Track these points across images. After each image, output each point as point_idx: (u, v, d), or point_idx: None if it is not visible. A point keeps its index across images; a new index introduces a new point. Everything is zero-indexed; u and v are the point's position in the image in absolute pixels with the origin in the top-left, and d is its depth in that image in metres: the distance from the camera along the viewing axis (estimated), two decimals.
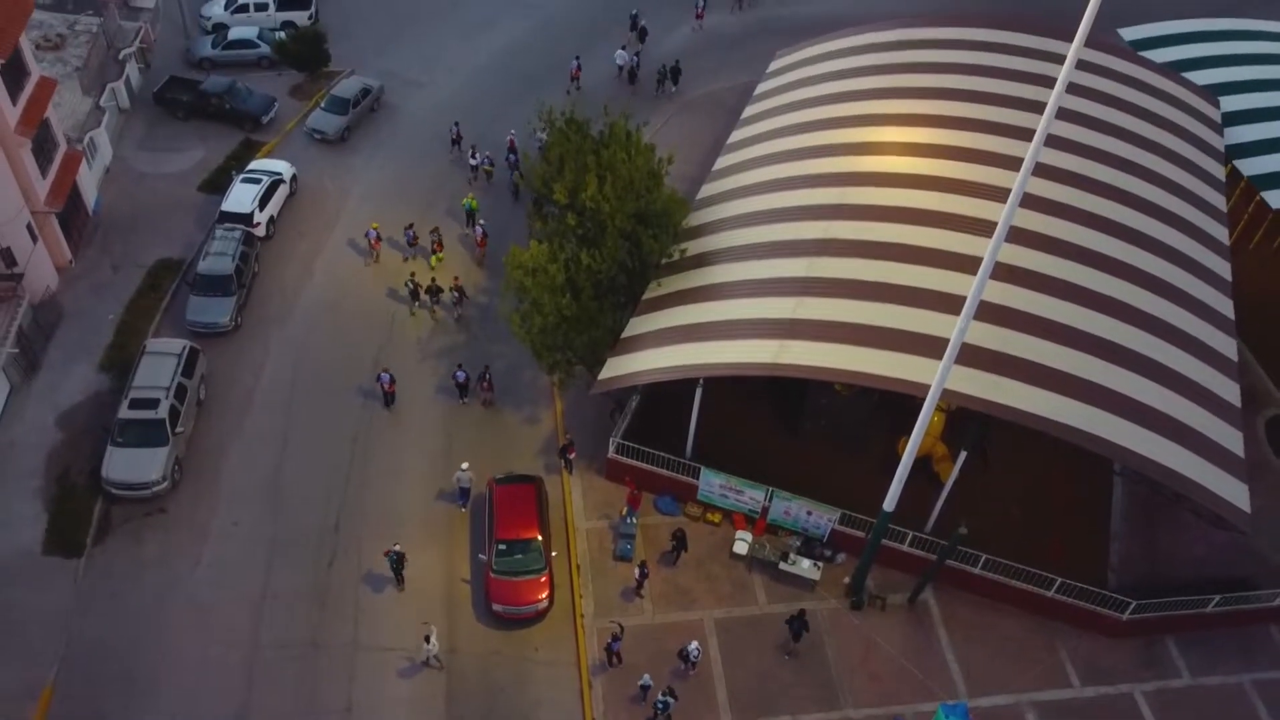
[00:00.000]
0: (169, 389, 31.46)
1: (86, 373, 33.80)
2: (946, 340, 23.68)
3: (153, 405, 31.00)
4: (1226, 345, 30.92)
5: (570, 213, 32.35)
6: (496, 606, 28.78)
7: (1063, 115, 34.68)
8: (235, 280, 35.54)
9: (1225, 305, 32.21)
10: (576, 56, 46.65)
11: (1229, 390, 29.68)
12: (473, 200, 39.85)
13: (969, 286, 22.76)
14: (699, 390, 29.88)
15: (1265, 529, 30.30)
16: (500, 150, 42.17)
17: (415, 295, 36.53)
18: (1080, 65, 36.45)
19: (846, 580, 30.20)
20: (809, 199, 33.36)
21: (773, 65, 44.02)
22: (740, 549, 30.72)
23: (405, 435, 33.35)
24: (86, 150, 38.42)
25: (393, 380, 33.61)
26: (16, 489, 30.66)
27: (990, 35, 39.94)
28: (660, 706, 26.60)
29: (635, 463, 31.55)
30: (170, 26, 47.59)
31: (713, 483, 31.12)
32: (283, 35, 46.68)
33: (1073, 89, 35.62)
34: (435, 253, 38.43)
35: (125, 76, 42.81)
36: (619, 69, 47.17)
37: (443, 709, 27.31)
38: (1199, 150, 37.35)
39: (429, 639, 27.30)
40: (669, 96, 46.80)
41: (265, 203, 38.57)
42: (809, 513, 30.46)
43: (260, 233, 38.22)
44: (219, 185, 40.15)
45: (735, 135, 40.06)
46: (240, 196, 38.32)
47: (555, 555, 29.91)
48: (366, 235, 38.39)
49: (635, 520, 31.17)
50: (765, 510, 30.96)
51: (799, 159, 35.59)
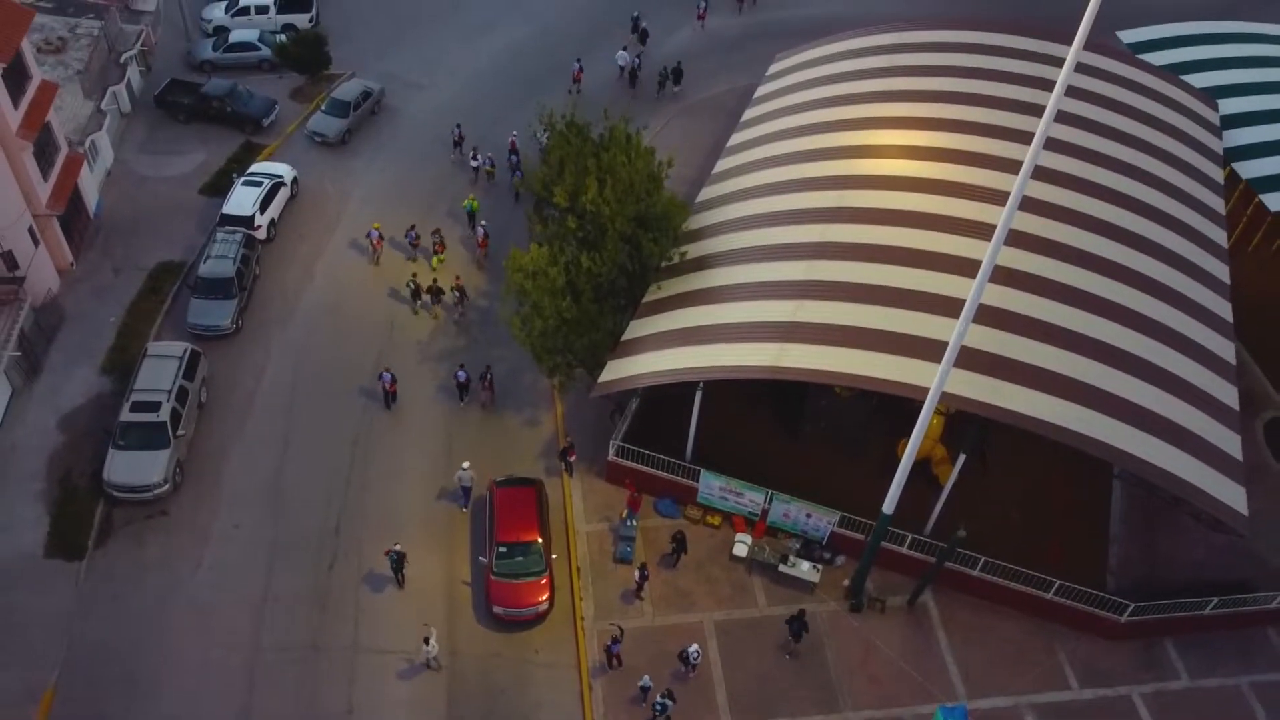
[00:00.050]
0: (170, 392, 31.55)
1: (88, 375, 33.88)
2: (945, 343, 23.76)
3: (154, 408, 31.09)
4: (1225, 348, 30.98)
5: (570, 216, 32.46)
6: (497, 609, 28.86)
7: (1061, 118, 34.75)
8: (236, 283, 35.62)
9: (1224, 308, 32.27)
10: (578, 58, 46.74)
11: (1227, 393, 29.73)
12: (474, 201, 39.95)
13: (968, 290, 22.84)
14: (699, 393, 29.96)
15: (1264, 532, 30.37)
16: (502, 152, 42.31)
17: (417, 295, 36.64)
18: (1079, 68, 36.51)
19: (846, 582, 30.26)
20: (808, 202, 33.44)
21: (772, 68, 44.09)
22: (740, 551, 30.79)
23: (406, 437, 33.43)
24: (88, 153, 38.49)
25: (394, 380, 33.70)
26: (18, 492, 30.75)
27: (989, 38, 40.03)
28: (659, 708, 26.66)
29: (635, 465, 31.62)
30: (171, 29, 47.68)
31: (712, 485, 31.19)
32: (283, 38, 46.84)
33: (1071, 92, 35.70)
34: (437, 254, 38.54)
35: (126, 79, 42.87)
36: (620, 70, 47.24)
37: (443, 711, 27.38)
38: (1197, 153, 37.43)
39: (428, 640, 27.38)
40: (671, 97, 46.87)
41: (266, 206, 38.64)
42: (808, 515, 30.54)
43: (261, 235, 38.30)
44: (220, 188, 40.26)
45: (735, 138, 40.13)
46: (241, 199, 38.41)
47: (555, 558, 29.98)
48: (368, 235, 38.52)
49: (635, 523, 31.25)
50: (765, 513, 31.03)
51: (799, 162, 35.67)
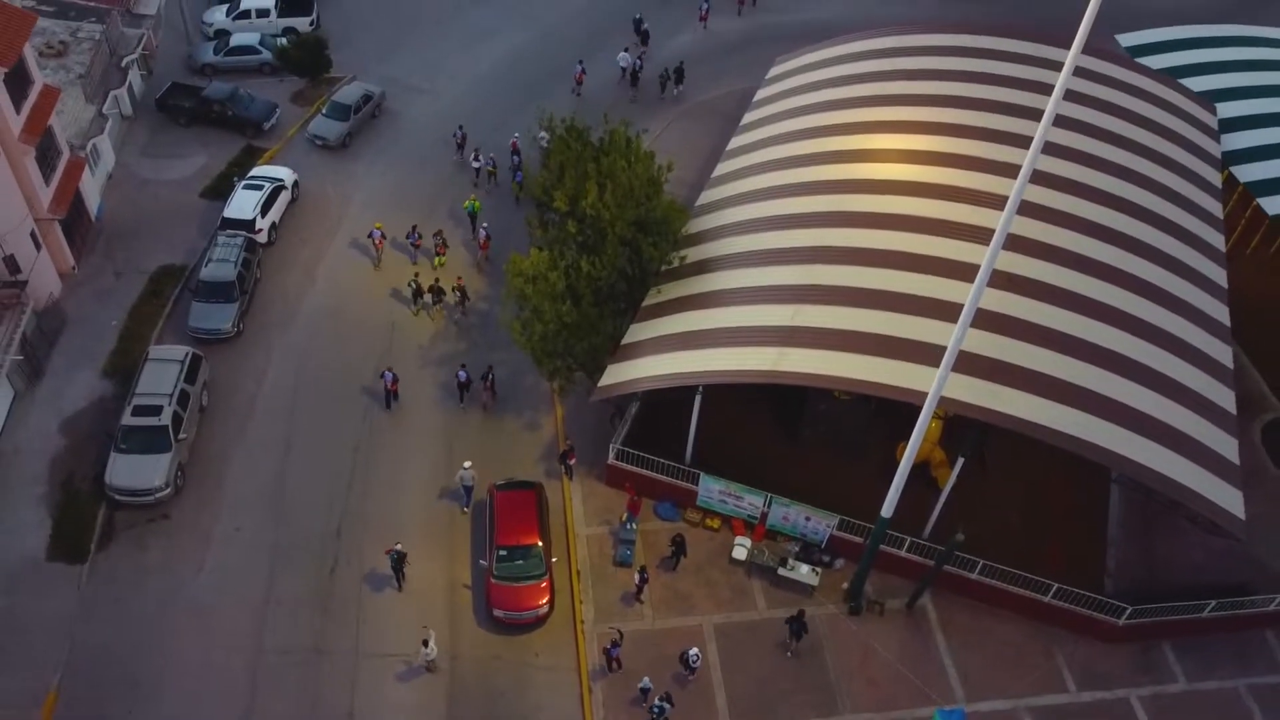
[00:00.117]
0: (172, 395, 31.68)
1: (90, 379, 34.00)
2: (944, 348, 23.84)
3: (156, 412, 31.21)
4: (1222, 352, 31.04)
5: (570, 220, 32.58)
6: (497, 612, 28.97)
7: (1060, 122, 34.76)
8: (237, 287, 35.74)
9: (1221, 312, 32.33)
10: (580, 60, 46.85)
11: (1224, 397, 29.81)
12: (475, 202, 40.06)
13: (966, 294, 22.93)
14: (698, 397, 30.07)
15: (1262, 535, 30.44)
16: (504, 154, 42.42)
17: (418, 295, 36.75)
18: (1077, 72, 36.59)
19: (845, 585, 30.36)
20: (807, 206, 33.52)
21: (772, 71, 44.16)
22: (739, 554, 30.89)
23: (407, 440, 33.53)
24: (89, 157, 38.59)
25: (395, 379, 33.82)
26: (20, 495, 30.89)
27: (988, 42, 40.11)
28: (657, 711, 26.77)
29: (635, 469, 31.71)
30: (172, 33, 47.76)
31: (712, 488, 31.30)
32: (284, 41, 46.89)
33: (1070, 95, 35.79)
34: (439, 255, 38.66)
35: (128, 83, 42.93)
36: (622, 72, 47.33)
37: (444, 713, 27.50)
38: (1195, 157, 37.49)
39: (427, 643, 27.50)
40: (673, 98, 46.96)
41: (267, 209, 38.75)
42: (808, 518, 30.63)
43: (262, 239, 38.41)
44: (221, 191, 40.36)
45: (734, 142, 40.21)
46: (242, 203, 38.51)
47: (555, 561, 30.08)
48: (370, 235, 38.61)
49: (635, 526, 31.35)
50: (764, 516, 31.12)
51: (797, 166, 35.74)
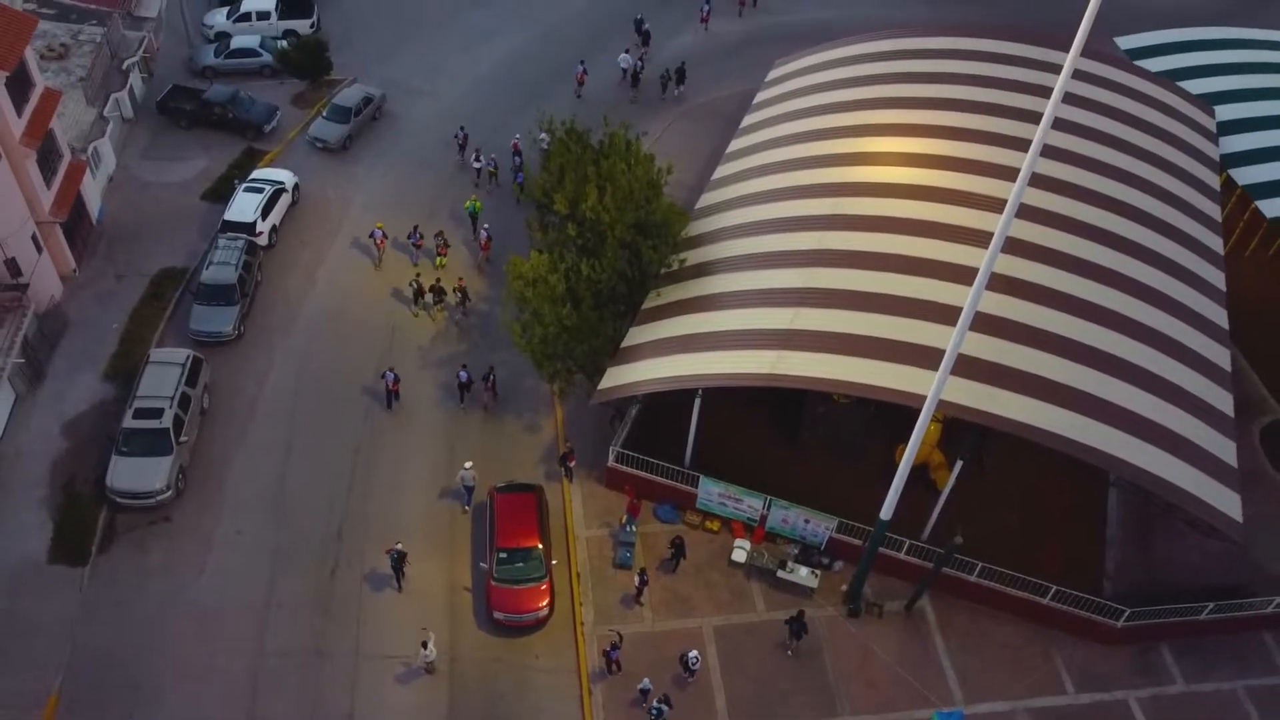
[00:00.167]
0: (173, 398, 31.76)
1: (91, 382, 34.09)
2: (942, 351, 23.92)
3: (157, 415, 31.29)
4: (1220, 355, 31.12)
5: (570, 223, 32.68)
6: (497, 614, 29.07)
7: (1059, 125, 34.84)
8: (238, 289, 35.82)
9: (1219, 315, 32.41)
10: (581, 61, 46.91)
11: (1222, 400, 29.90)
12: (476, 203, 40.15)
13: (965, 297, 23.03)
14: (698, 399, 30.16)
15: (1260, 537, 30.53)
16: (505, 155, 42.51)
17: (419, 295, 36.82)
18: (1076, 75, 36.57)
19: (844, 588, 30.45)
20: (806, 209, 33.61)
21: (771, 74, 44.25)
22: (739, 557, 30.98)
23: (407, 442, 33.62)
24: (90, 160, 38.66)
25: (397, 379, 33.92)
26: (22, 498, 30.98)
27: (987, 45, 40.20)
28: (655, 713, 26.88)
29: (635, 471, 31.80)
30: (173, 35, 47.85)
31: (711, 491, 31.38)
32: (285, 44, 46.98)
33: (1069, 99, 35.82)
34: (440, 255, 38.74)
35: (129, 86, 42.99)
36: (623, 73, 47.40)
37: (444, 715, 27.59)
38: (1194, 160, 37.59)
39: (426, 644, 27.59)
40: (674, 99, 47.06)
41: (268, 212, 38.83)
42: (807, 521, 30.72)
43: (263, 242, 38.50)
44: (222, 194, 40.45)
45: (734, 145, 40.30)
46: (243, 206, 38.60)
47: (555, 563, 30.17)
48: (372, 235, 38.68)
49: (635, 528, 31.44)
50: (764, 518, 31.21)
51: (797, 169, 35.83)
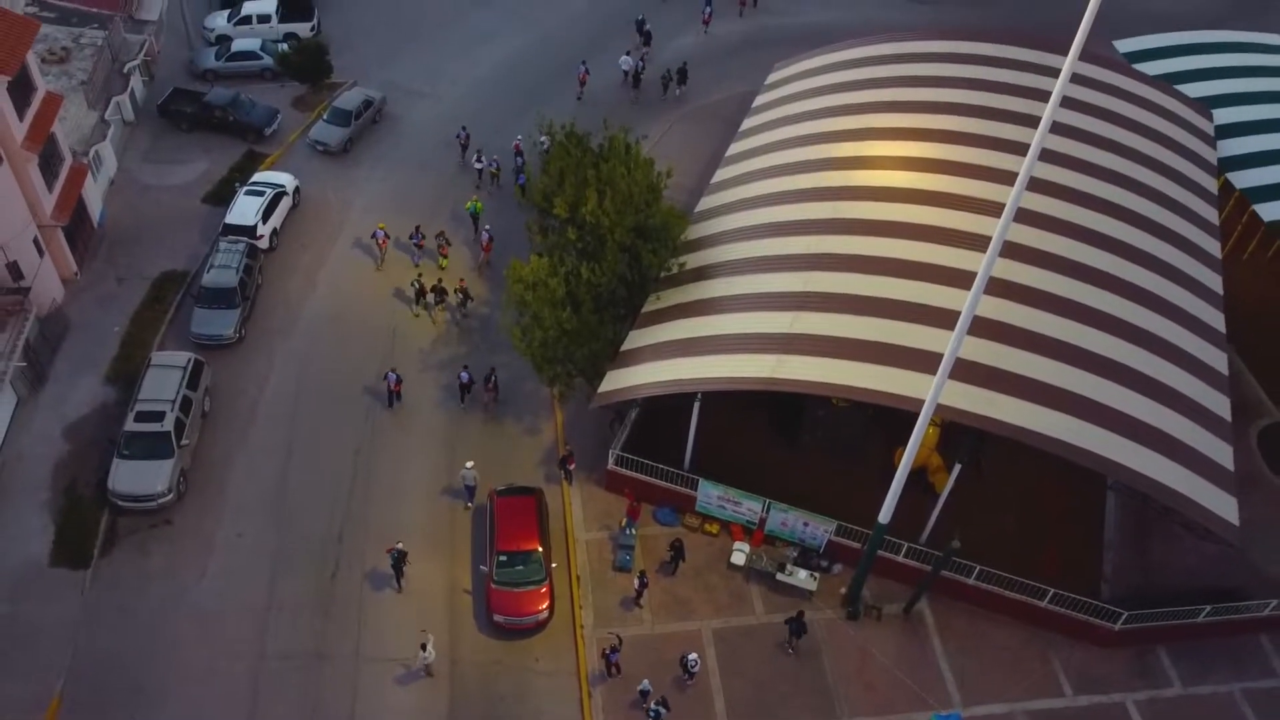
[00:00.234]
0: (174, 401, 31.86)
1: (92, 385, 34.19)
2: (941, 355, 24.02)
3: (158, 418, 31.40)
4: (1217, 359, 31.22)
5: (570, 227, 32.79)
6: (497, 617, 29.18)
7: (1057, 129, 34.99)
8: (239, 293, 35.92)
9: (1217, 319, 32.50)
10: (583, 61, 47.00)
11: (1219, 404, 30.00)
12: (477, 204, 40.26)
13: (963, 301, 23.13)
14: (697, 403, 30.26)
15: (1257, 539, 30.60)
16: (506, 156, 42.60)
17: (421, 295, 36.94)
18: (1074, 78, 36.68)
19: (843, 591, 30.57)
20: (806, 213, 33.71)
21: (771, 77, 44.34)
22: (738, 559, 31.09)
23: (408, 443, 33.73)
24: (92, 163, 38.72)
25: (399, 380, 34.05)
26: (24, 501, 31.08)
27: (986, 49, 40.26)
28: (653, 715, 27.01)
29: (634, 474, 31.92)
30: (174, 38, 47.92)
31: (711, 494, 31.50)
32: (285, 47, 47.10)
33: (1066, 103, 35.95)
34: (442, 255, 38.84)
35: (130, 89, 43.04)
36: (624, 74, 47.50)
37: (445, 718, 27.69)
38: (1192, 163, 37.68)
39: (425, 646, 27.69)
40: (675, 100, 47.17)
41: (269, 215, 38.94)
42: (805, 524, 30.84)
43: (264, 245, 38.60)
44: (222, 197, 40.55)
45: (733, 148, 40.38)
46: (244, 209, 38.71)
47: (555, 566, 30.29)
48: (373, 236, 38.79)
49: (634, 531, 31.55)
50: (763, 521, 31.33)
51: (796, 173, 35.94)
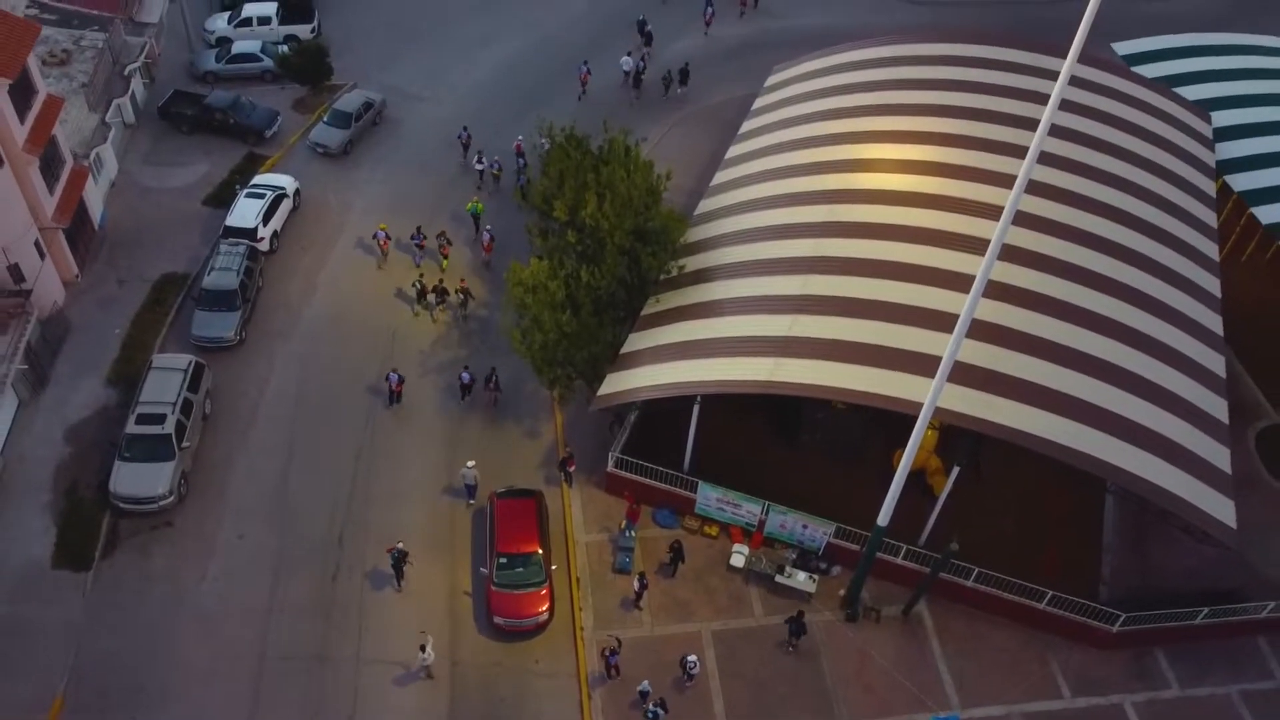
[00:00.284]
0: (175, 404, 31.94)
1: (94, 387, 34.27)
2: (939, 358, 24.11)
3: (159, 420, 31.49)
4: (1215, 362, 31.30)
5: (570, 230, 32.87)
6: (497, 619, 29.28)
7: (1055, 132, 35.07)
8: (240, 295, 36.00)
9: (1214, 321, 32.59)
10: (585, 61, 47.08)
11: (1217, 407, 30.09)
12: (478, 204, 40.33)
13: (961, 304, 23.21)
14: (696, 405, 30.34)
15: (1255, 541, 30.69)
16: (507, 157, 42.69)
17: (422, 295, 37.01)
18: (1073, 81, 36.77)
19: (842, 593, 30.65)
20: (804, 216, 33.79)
21: (770, 80, 44.43)
22: (737, 562, 31.18)
23: (408, 445, 33.82)
24: (92, 166, 38.80)
25: (401, 380, 34.16)
26: (25, 503, 31.17)
27: (985, 52, 40.32)
28: (651, 716, 27.11)
29: (634, 476, 32.01)
30: (174, 41, 48.02)
31: (710, 496, 31.59)
32: (286, 49, 47.19)
33: (1065, 106, 35.99)
34: (443, 255, 38.94)
35: (130, 91, 43.11)
36: (625, 75, 47.58)
37: (444, 719, 27.89)
38: (1190, 166, 37.76)
39: (425, 647, 27.77)
40: (676, 101, 47.26)
41: (269, 217, 39.01)
42: (805, 526, 30.92)
43: (264, 247, 38.67)
44: (223, 199, 40.64)
45: (733, 150, 40.46)
46: (244, 211, 38.80)
47: (555, 568, 30.38)
48: (375, 236, 38.88)
49: (634, 533, 31.63)
50: (762, 523, 31.41)
51: (795, 175, 36.02)
